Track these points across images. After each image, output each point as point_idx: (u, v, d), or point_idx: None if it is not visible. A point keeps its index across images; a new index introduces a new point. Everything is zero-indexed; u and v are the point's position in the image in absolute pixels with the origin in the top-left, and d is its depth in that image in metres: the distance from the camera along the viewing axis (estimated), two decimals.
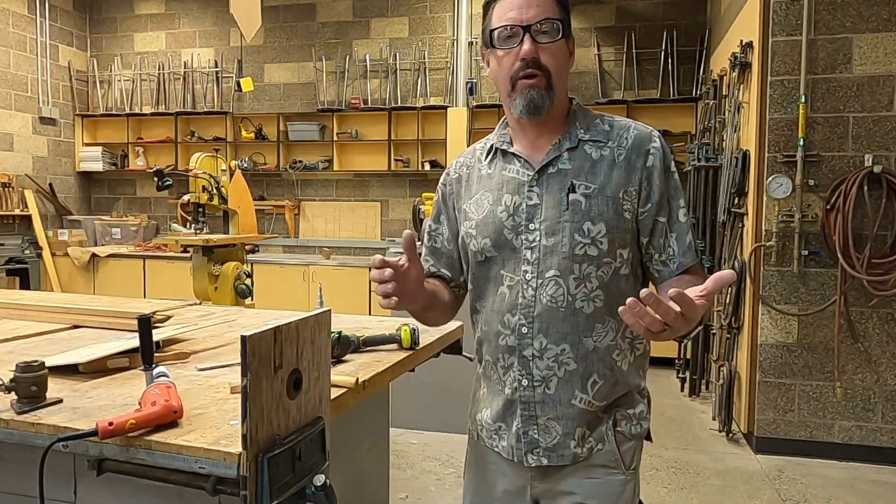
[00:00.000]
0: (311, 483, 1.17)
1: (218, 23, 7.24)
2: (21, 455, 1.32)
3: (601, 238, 1.27)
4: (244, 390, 1.06)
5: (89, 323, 2.18)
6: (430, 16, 6.72)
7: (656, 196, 1.30)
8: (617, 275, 1.30)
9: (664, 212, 1.31)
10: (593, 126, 1.35)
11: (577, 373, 1.29)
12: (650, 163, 1.30)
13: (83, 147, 7.56)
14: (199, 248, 4.18)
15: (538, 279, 1.29)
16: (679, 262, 1.31)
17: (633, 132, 1.33)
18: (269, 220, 7.15)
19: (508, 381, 1.34)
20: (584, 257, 1.27)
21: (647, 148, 1.31)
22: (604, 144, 1.33)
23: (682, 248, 1.32)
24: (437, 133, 6.56)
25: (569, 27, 1.32)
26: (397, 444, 3.77)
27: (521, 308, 1.30)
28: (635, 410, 1.35)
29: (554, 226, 1.29)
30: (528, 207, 1.31)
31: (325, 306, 1.41)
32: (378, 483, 2.26)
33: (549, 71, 1.28)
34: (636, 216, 1.31)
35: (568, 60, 1.34)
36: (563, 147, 1.33)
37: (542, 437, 1.32)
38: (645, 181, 1.30)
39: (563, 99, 1.34)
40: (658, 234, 1.31)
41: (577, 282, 1.28)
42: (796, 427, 3.77)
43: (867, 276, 3.53)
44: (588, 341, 1.29)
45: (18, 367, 1.33)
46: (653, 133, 1.34)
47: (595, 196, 1.28)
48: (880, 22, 3.59)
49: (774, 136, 3.73)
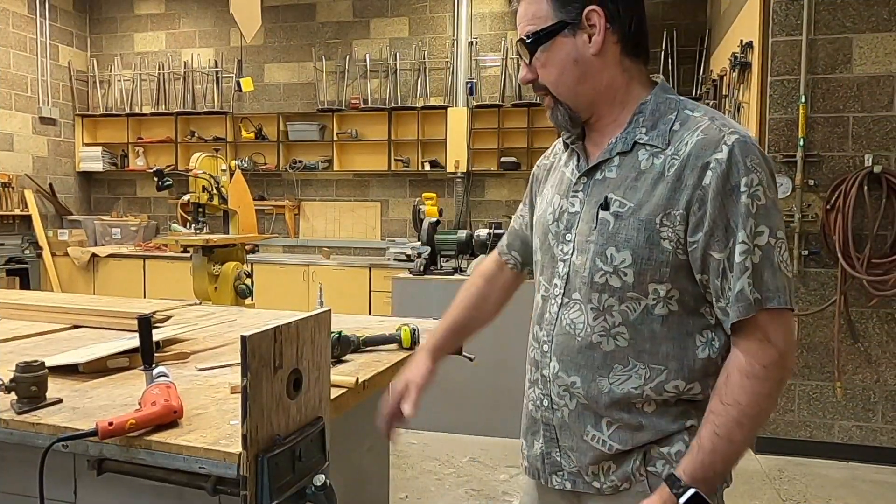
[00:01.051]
0: (311, 483, 1.17)
1: (218, 23, 7.24)
2: (21, 455, 1.32)
3: (625, 268, 1.06)
4: (244, 390, 1.05)
5: (89, 323, 2.18)
6: (430, 16, 6.72)
7: (707, 223, 1.02)
8: (649, 314, 1.07)
9: (720, 246, 1.02)
10: (661, 124, 1.09)
11: (589, 409, 1.12)
12: (706, 180, 1.01)
13: (83, 147, 7.55)
14: (199, 248, 4.18)
15: (564, 297, 1.14)
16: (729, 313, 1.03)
17: (697, 136, 1.04)
18: (269, 220, 7.15)
19: (532, 396, 1.22)
20: (604, 287, 1.08)
21: (707, 160, 1.02)
22: (661, 150, 1.07)
23: (732, 295, 1.02)
24: (437, 133, 6.56)
25: (568, 13, 1.09)
26: (397, 444, 3.77)
27: (545, 323, 1.18)
28: (671, 449, 1.09)
29: (583, 243, 1.11)
30: (569, 215, 1.16)
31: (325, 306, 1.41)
32: (378, 483, 2.26)
33: (545, 87, 1.14)
34: (683, 247, 1.04)
35: (572, 57, 1.10)
36: (615, 150, 1.11)
37: (565, 462, 1.18)
38: (696, 204, 1.02)
39: (601, 94, 1.12)
40: (714, 273, 1.03)
41: (595, 313, 1.10)
42: (796, 427, 3.77)
43: (867, 276, 3.53)
44: (602, 382, 1.10)
45: (18, 367, 1.33)
46: (724, 139, 1.02)
47: (627, 217, 1.06)
48: (880, 22, 3.59)
49: (774, 136, 3.73)
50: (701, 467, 1.03)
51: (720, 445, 1.02)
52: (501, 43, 6.47)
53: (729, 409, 1.02)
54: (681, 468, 1.05)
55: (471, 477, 3.45)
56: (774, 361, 1.02)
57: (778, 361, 1.02)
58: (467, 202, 6.58)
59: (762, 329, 1.02)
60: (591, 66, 1.10)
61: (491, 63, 6.55)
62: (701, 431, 1.04)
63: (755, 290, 1.01)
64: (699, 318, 1.08)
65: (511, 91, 6.48)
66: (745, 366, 1.02)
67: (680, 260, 1.05)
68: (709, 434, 1.03)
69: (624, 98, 1.13)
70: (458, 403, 3.97)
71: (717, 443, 1.02)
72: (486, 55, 6.56)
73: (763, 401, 1.02)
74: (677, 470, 1.05)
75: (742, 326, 1.03)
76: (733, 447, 1.03)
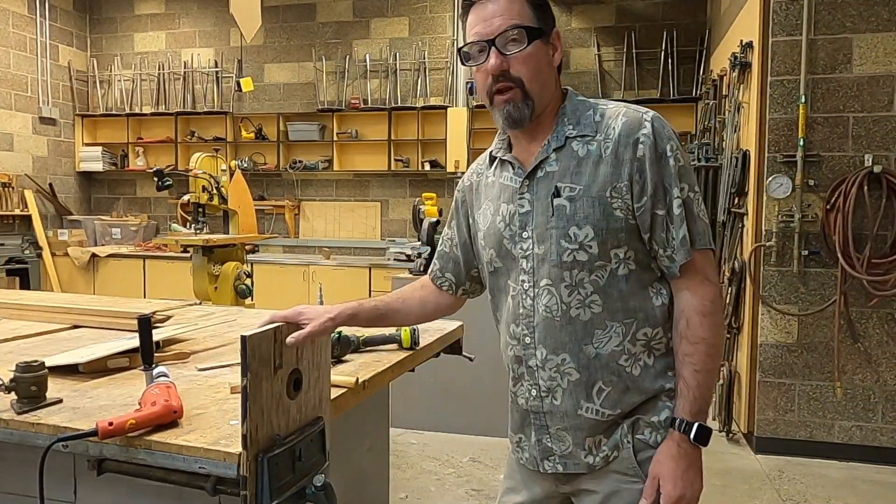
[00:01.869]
0: (311, 483, 1.17)
1: (218, 23, 7.24)
2: (21, 455, 1.32)
3: (589, 242, 1.20)
4: (244, 390, 1.06)
5: (89, 323, 2.18)
6: (430, 16, 6.72)
7: (650, 188, 1.19)
8: (614, 277, 1.22)
9: (661, 204, 1.20)
10: (584, 119, 1.26)
11: (580, 382, 1.24)
12: (640, 153, 1.19)
13: (83, 147, 7.56)
14: (199, 248, 4.18)
15: (534, 288, 1.25)
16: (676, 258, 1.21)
17: (621, 120, 1.22)
18: (269, 220, 7.15)
19: (521, 392, 1.31)
20: (573, 263, 1.21)
21: (637, 136, 1.20)
22: (591, 138, 1.24)
23: (677, 242, 1.20)
24: (437, 133, 6.56)
25: (546, 24, 1.24)
26: (397, 444, 3.77)
27: (522, 318, 1.27)
28: (659, 418, 1.24)
29: (543, 233, 1.24)
30: (520, 216, 1.27)
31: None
32: (378, 483, 2.26)
33: (520, 80, 1.22)
34: (633, 213, 1.21)
35: (546, 61, 1.25)
36: (551, 148, 1.26)
37: (555, 446, 1.29)
38: (637, 174, 1.20)
39: (550, 99, 1.27)
40: (659, 228, 1.21)
41: (569, 289, 1.22)
42: (796, 427, 3.77)
43: (867, 276, 3.53)
44: (589, 349, 1.23)
45: (18, 367, 1.33)
46: (644, 118, 1.22)
47: (580, 198, 1.21)
48: (880, 22, 3.59)
49: (774, 136, 3.72)
50: (695, 402, 1.21)
51: (702, 378, 1.21)
52: None
53: (698, 346, 1.21)
54: (679, 410, 1.22)
55: (471, 477, 3.45)
56: (717, 295, 1.24)
57: (718, 294, 1.25)
58: None
59: (699, 268, 1.22)
60: (551, 75, 1.28)
61: None
62: (682, 374, 1.22)
63: (690, 234, 1.21)
64: (650, 273, 1.25)
65: None
66: (699, 306, 1.21)
67: (630, 224, 1.21)
68: (690, 373, 1.21)
69: (554, 105, 1.30)
70: (458, 403, 3.97)
71: (699, 378, 1.21)
72: None
73: (720, 330, 1.24)
74: (676, 413, 1.22)
75: (685, 269, 1.22)
76: (711, 376, 1.22)
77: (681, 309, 1.23)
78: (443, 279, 1.51)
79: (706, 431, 1.20)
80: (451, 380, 3.89)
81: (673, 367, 1.25)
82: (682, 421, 1.20)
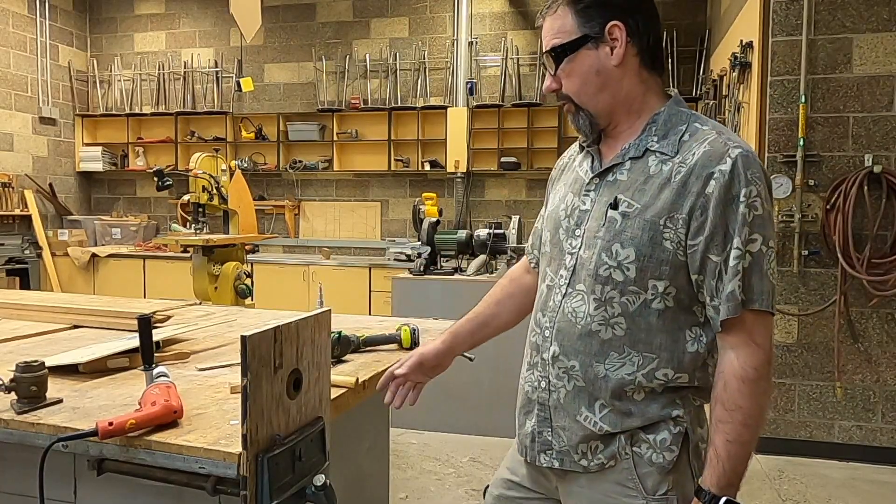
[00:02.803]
0: (311, 483, 1.17)
1: (218, 23, 7.24)
2: (21, 455, 1.32)
3: (628, 264, 1.15)
4: (244, 390, 1.06)
5: (89, 323, 2.18)
6: (430, 16, 6.72)
7: (708, 229, 1.10)
8: (646, 307, 1.16)
9: (718, 249, 1.11)
10: (672, 134, 1.18)
11: (584, 391, 1.21)
12: (710, 189, 1.10)
13: (83, 147, 7.55)
14: (199, 248, 4.18)
15: (569, 287, 1.23)
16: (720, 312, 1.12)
17: (703, 148, 1.13)
18: (269, 220, 7.15)
19: (531, 378, 1.30)
20: (607, 280, 1.17)
21: (712, 171, 1.10)
22: (669, 158, 1.16)
23: (724, 294, 1.11)
24: (437, 133, 6.56)
25: (593, 26, 1.18)
26: (397, 444, 3.77)
27: (549, 310, 1.26)
28: (657, 437, 1.18)
29: (591, 239, 1.20)
30: (580, 212, 1.24)
31: (325, 306, 1.41)
32: (378, 483, 2.26)
33: (568, 96, 1.23)
34: (683, 248, 1.13)
35: (595, 67, 1.19)
36: (628, 155, 1.21)
37: (555, 441, 1.26)
38: (699, 210, 1.11)
39: (620, 103, 1.21)
40: (710, 274, 1.12)
41: (597, 303, 1.18)
42: (796, 427, 3.77)
43: (867, 276, 3.53)
44: (599, 367, 1.19)
45: (18, 367, 1.33)
46: (729, 152, 1.11)
47: (633, 217, 1.15)
48: (880, 22, 3.59)
49: (774, 136, 3.72)
50: (724, 475, 1.11)
51: (734, 450, 1.11)
52: (501, 43, 6.47)
53: (734, 414, 1.11)
54: (706, 481, 1.13)
55: (471, 477, 3.45)
56: (763, 362, 1.12)
57: (766, 362, 1.12)
58: (467, 202, 6.58)
59: (748, 329, 1.11)
60: (611, 77, 1.20)
61: (491, 63, 6.55)
62: (714, 441, 1.13)
63: (743, 291, 1.10)
64: (691, 316, 1.18)
65: (511, 91, 6.48)
66: (739, 370, 1.11)
67: (679, 260, 1.14)
68: (722, 443, 1.11)
69: (640, 107, 1.22)
70: (458, 403, 3.97)
71: (731, 449, 1.11)
72: (486, 55, 6.56)
73: (761, 399, 1.12)
74: (703, 483, 1.13)
75: (730, 325, 1.12)
76: (745, 448, 1.12)
77: (720, 370, 1.14)
78: (532, 256, 1.49)
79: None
80: (451, 380, 3.88)
81: (684, 396, 1.20)
82: (708, 493, 1.12)
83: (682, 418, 1.19)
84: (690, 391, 1.20)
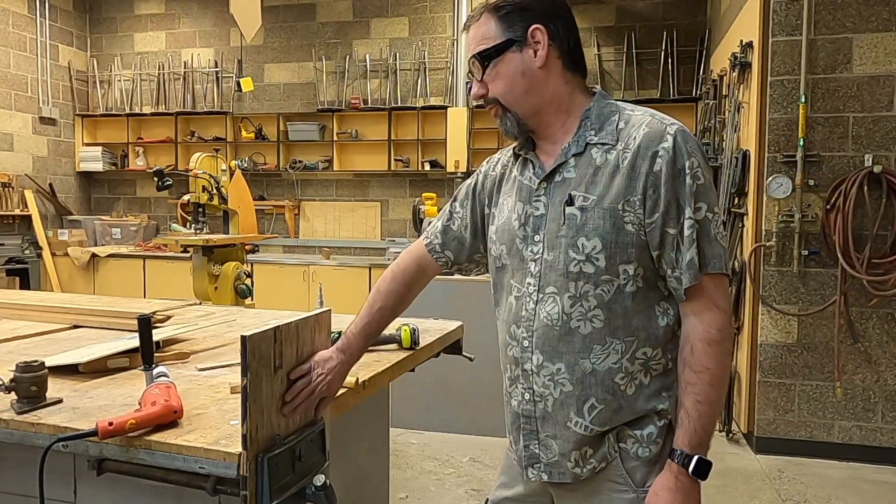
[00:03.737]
0: (311, 483, 1.17)
1: (218, 23, 7.24)
2: (21, 455, 1.32)
3: (597, 255, 1.17)
4: (244, 390, 1.06)
5: (89, 323, 2.18)
6: (430, 16, 6.72)
7: (662, 205, 1.15)
8: (621, 293, 1.19)
9: (674, 222, 1.16)
10: (607, 125, 1.22)
11: (572, 395, 1.22)
12: (657, 167, 1.15)
13: (83, 147, 7.55)
14: (199, 248, 4.17)
15: (539, 293, 1.23)
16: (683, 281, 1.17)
17: (643, 130, 1.18)
18: (269, 220, 7.15)
19: (515, 393, 1.29)
20: (579, 275, 1.19)
21: (656, 150, 1.16)
22: (611, 147, 1.20)
23: (684, 264, 1.16)
24: (437, 133, 6.56)
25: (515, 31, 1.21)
26: (397, 444, 3.77)
27: (523, 321, 1.25)
28: (643, 432, 1.22)
29: (553, 240, 1.22)
30: (534, 218, 1.25)
31: (325, 306, 1.41)
32: (378, 483, 2.26)
33: (496, 99, 1.25)
34: (643, 228, 1.17)
35: (520, 69, 1.22)
36: (570, 153, 1.23)
37: (542, 453, 1.27)
38: (651, 188, 1.16)
39: (547, 104, 1.25)
40: (668, 247, 1.17)
41: (572, 300, 1.20)
42: (796, 427, 3.77)
43: (867, 276, 3.53)
44: (585, 363, 1.20)
45: (18, 367, 1.33)
46: (667, 130, 1.17)
47: (591, 209, 1.18)
48: (880, 22, 3.59)
49: (774, 136, 3.72)
50: (695, 434, 1.16)
51: (704, 410, 1.16)
52: None
53: (701, 375, 1.16)
54: (679, 441, 1.17)
55: (471, 477, 3.45)
56: (726, 323, 1.18)
57: (728, 323, 1.19)
58: None
59: (708, 294, 1.17)
60: (536, 78, 1.23)
61: None
62: (684, 403, 1.18)
63: (699, 257, 1.16)
64: (657, 291, 1.22)
65: None
66: (704, 333, 1.17)
67: (642, 240, 1.18)
68: (692, 404, 1.17)
69: (568, 106, 1.26)
70: (458, 403, 3.97)
71: (701, 409, 1.16)
72: None
73: (726, 359, 1.18)
74: (675, 444, 1.18)
75: (692, 292, 1.17)
76: (714, 408, 1.18)
77: (686, 335, 1.19)
78: (441, 255, 1.47)
79: (706, 465, 1.16)
80: (451, 380, 3.89)
81: (668, 387, 1.23)
82: (682, 453, 1.16)
83: (666, 411, 1.23)
84: (673, 378, 1.23)
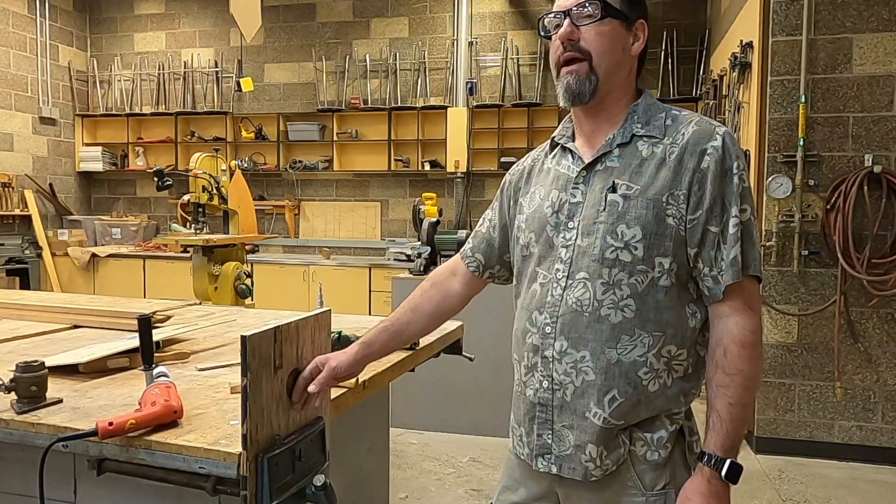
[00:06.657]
0: (311, 483, 1.17)
1: (218, 23, 7.24)
2: (21, 455, 1.32)
3: (636, 243, 1.18)
4: (244, 390, 1.06)
5: (89, 323, 2.18)
6: (430, 16, 6.72)
7: (707, 202, 1.17)
8: (654, 286, 1.19)
9: (717, 220, 1.17)
10: (654, 120, 1.25)
11: (594, 385, 1.20)
12: (705, 164, 1.17)
13: (83, 147, 7.55)
14: (199, 248, 4.18)
15: (568, 279, 1.23)
16: (722, 279, 1.17)
17: (692, 128, 1.21)
18: (269, 220, 7.15)
19: (531, 382, 1.27)
20: (614, 262, 1.19)
21: (705, 147, 1.18)
22: (658, 141, 1.22)
23: (727, 261, 1.17)
24: (437, 133, 6.56)
25: (631, 10, 1.24)
26: (397, 444, 3.77)
27: (548, 307, 1.24)
28: (654, 435, 1.21)
29: (590, 226, 1.22)
30: (570, 205, 1.26)
31: (325, 306, 1.41)
32: (378, 483, 2.26)
33: (589, 53, 1.22)
34: (684, 223, 1.18)
35: (621, 44, 1.24)
36: (615, 143, 1.25)
37: (555, 444, 1.25)
38: (696, 185, 1.17)
39: (619, 87, 1.26)
40: (709, 245, 1.17)
41: (604, 287, 1.19)
42: (796, 427, 3.77)
43: (867, 276, 3.53)
44: (611, 352, 1.19)
45: (18, 367, 1.33)
46: (716, 131, 1.20)
47: (635, 197, 1.19)
48: (880, 22, 3.59)
49: (774, 136, 3.72)
50: (728, 437, 1.15)
51: (736, 412, 1.15)
52: (501, 43, 6.47)
53: (734, 378, 1.15)
54: (710, 445, 1.16)
55: (471, 477, 3.45)
56: (758, 326, 1.19)
57: (760, 326, 1.19)
58: (467, 202, 6.58)
59: (746, 294, 1.18)
60: (627, 60, 1.27)
61: (491, 63, 6.55)
62: (716, 406, 1.16)
63: (741, 257, 1.17)
64: (687, 292, 1.22)
65: (511, 91, 6.49)
66: (739, 335, 1.16)
67: (680, 235, 1.18)
68: (724, 406, 1.16)
69: (625, 98, 1.29)
70: (458, 403, 3.97)
71: (733, 412, 1.15)
72: (486, 55, 6.56)
73: (759, 361, 1.18)
74: (706, 447, 1.17)
75: (730, 291, 1.17)
76: (746, 410, 1.17)
77: (719, 336, 1.18)
78: (472, 259, 1.47)
79: (738, 469, 1.15)
80: (451, 380, 3.89)
81: (686, 392, 1.23)
82: (714, 456, 1.15)
83: (679, 415, 1.23)
84: (692, 384, 1.23)
